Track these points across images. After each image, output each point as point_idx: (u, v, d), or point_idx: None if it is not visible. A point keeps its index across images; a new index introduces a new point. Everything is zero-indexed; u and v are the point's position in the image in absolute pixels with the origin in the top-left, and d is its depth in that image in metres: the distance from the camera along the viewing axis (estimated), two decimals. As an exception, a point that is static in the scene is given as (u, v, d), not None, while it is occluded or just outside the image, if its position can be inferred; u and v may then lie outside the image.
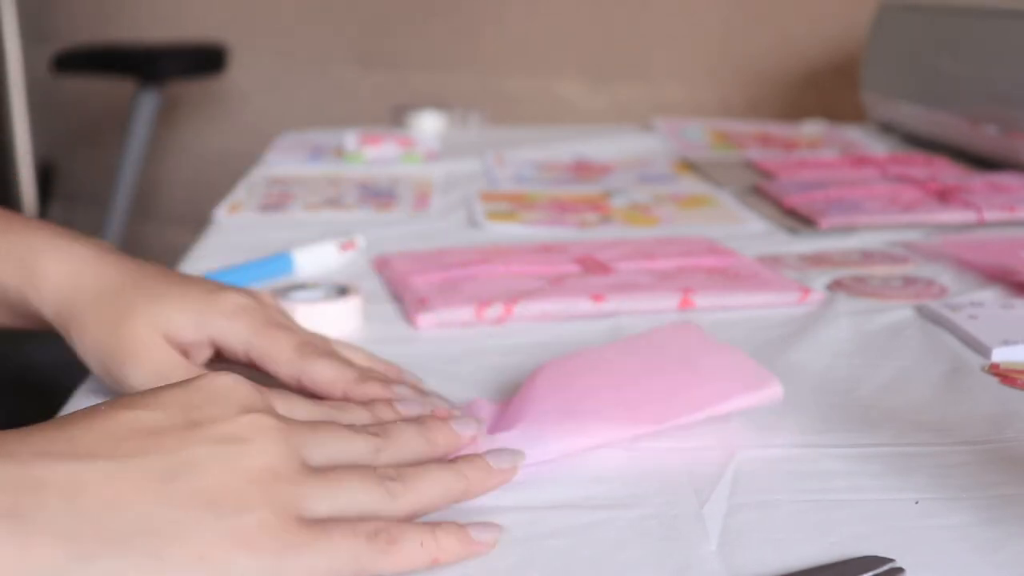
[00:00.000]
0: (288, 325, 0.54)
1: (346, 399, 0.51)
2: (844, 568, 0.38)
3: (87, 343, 0.53)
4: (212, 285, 0.55)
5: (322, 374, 0.52)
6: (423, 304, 0.68)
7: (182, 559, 0.34)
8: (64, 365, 0.59)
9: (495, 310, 0.67)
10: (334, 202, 1.02)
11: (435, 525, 0.39)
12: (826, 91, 1.86)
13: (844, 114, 1.57)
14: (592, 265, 0.76)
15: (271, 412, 0.39)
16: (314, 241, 0.82)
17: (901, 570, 0.38)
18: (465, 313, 0.67)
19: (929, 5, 1.25)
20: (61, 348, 0.55)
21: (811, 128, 1.41)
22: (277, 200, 1.02)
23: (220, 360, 0.55)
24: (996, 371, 0.58)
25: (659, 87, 2.03)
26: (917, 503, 0.43)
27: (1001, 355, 0.60)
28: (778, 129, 1.42)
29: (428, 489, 0.41)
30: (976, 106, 1.14)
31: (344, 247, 0.82)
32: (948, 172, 1.08)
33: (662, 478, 0.46)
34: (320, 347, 0.53)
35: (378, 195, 1.05)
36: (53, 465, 0.34)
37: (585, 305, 0.69)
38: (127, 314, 0.52)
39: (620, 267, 0.76)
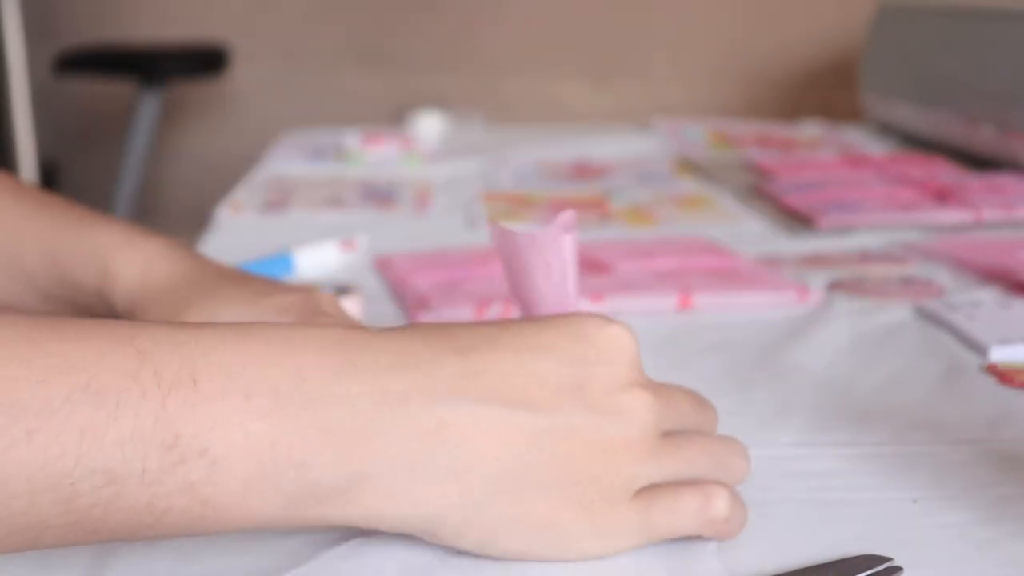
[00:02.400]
0: None
1: None
2: (842, 567, 0.38)
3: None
4: (269, 284, 0.55)
5: None
6: (424, 304, 0.69)
7: (535, 518, 0.37)
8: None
9: (495, 310, 0.68)
10: (335, 202, 1.02)
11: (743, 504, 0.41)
12: (825, 91, 1.87)
13: (843, 114, 1.58)
14: (592, 265, 0.76)
15: (647, 382, 0.41)
16: (315, 241, 0.82)
17: (899, 569, 0.38)
18: (465, 313, 0.68)
19: (927, 6, 1.26)
20: None
21: (810, 128, 1.42)
22: (278, 200, 1.02)
23: None
24: (994, 370, 0.58)
25: (659, 87, 2.03)
26: (915, 502, 0.44)
27: (999, 354, 0.60)
28: (777, 129, 1.42)
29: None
30: (974, 107, 1.14)
31: (345, 247, 0.82)
32: (946, 172, 1.09)
33: (662, 477, 0.46)
34: None
35: (379, 195, 1.05)
36: (457, 406, 0.37)
37: (585, 305, 0.69)
38: (182, 308, 0.53)
39: (619, 267, 0.76)
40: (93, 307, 0.58)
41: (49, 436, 0.32)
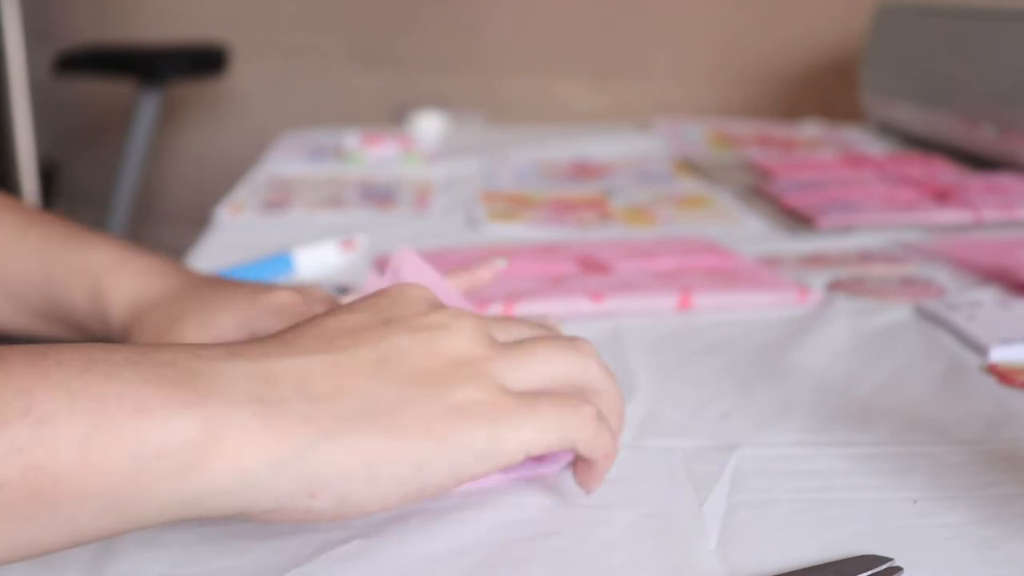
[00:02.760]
0: None
1: None
2: (842, 567, 0.38)
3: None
4: (261, 286, 0.56)
5: None
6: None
7: (412, 432, 0.37)
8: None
9: (495, 309, 0.68)
10: (335, 202, 1.02)
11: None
12: (825, 91, 1.87)
13: (843, 114, 1.58)
14: (591, 265, 0.76)
15: (450, 311, 0.41)
16: (315, 241, 0.82)
17: (899, 569, 0.38)
18: (465, 313, 0.67)
19: (927, 6, 1.26)
20: None
21: (810, 128, 1.42)
22: (278, 200, 1.02)
23: None
24: (994, 370, 0.58)
25: (659, 87, 2.03)
26: (915, 502, 0.44)
27: (999, 354, 0.60)
28: (777, 129, 1.42)
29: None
30: (974, 106, 1.14)
31: (345, 247, 0.82)
32: (946, 172, 1.08)
33: (661, 477, 0.46)
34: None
35: (378, 195, 1.05)
36: (280, 360, 0.37)
37: (584, 305, 0.69)
38: (178, 319, 0.54)
39: (619, 267, 0.76)
40: (86, 325, 0.58)
41: None
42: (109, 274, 0.56)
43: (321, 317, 0.40)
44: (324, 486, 0.36)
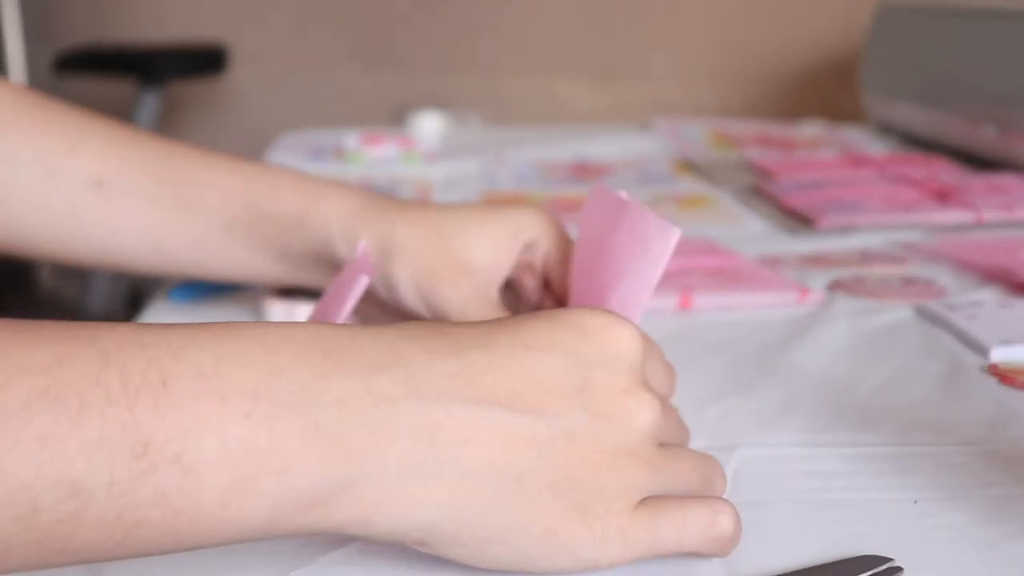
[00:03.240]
0: None
1: None
2: (843, 567, 0.38)
3: (404, 261, 0.56)
4: (509, 207, 0.57)
5: None
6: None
7: (534, 528, 0.36)
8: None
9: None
10: (334, 202, 1.02)
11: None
12: (825, 91, 1.87)
13: (843, 114, 1.58)
14: (592, 265, 0.76)
15: (648, 385, 0.39)
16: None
17: (900, 569, 0.38)
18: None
19: (928, 6, 1.26)
20: None
21: (810, 128, 1.41)
22: (278, 200, 1.02)
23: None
24: (995, 371, 0.58)
25: (659, 87, 2.03)
26: (916, 503, 0.43)
27: (1000, 355, 0.60)
28: (777, 129, 1.42)
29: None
30: (975, 107, 1.14)
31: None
32: (947, 172, 1.08)
33: (662, 478, 0.46)
34: None
35: (378, 195, 1.05)
36: (451, 408, 0.35)
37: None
38: (452, 235, 0.55)
39: (620, 267, 0.76)
40: (287, 240, 0.58)
41: (5, 445, 0.29)
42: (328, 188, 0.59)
43: (516, 346, 0.37)
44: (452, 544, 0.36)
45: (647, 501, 0.38)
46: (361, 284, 0.50)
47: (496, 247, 0.55)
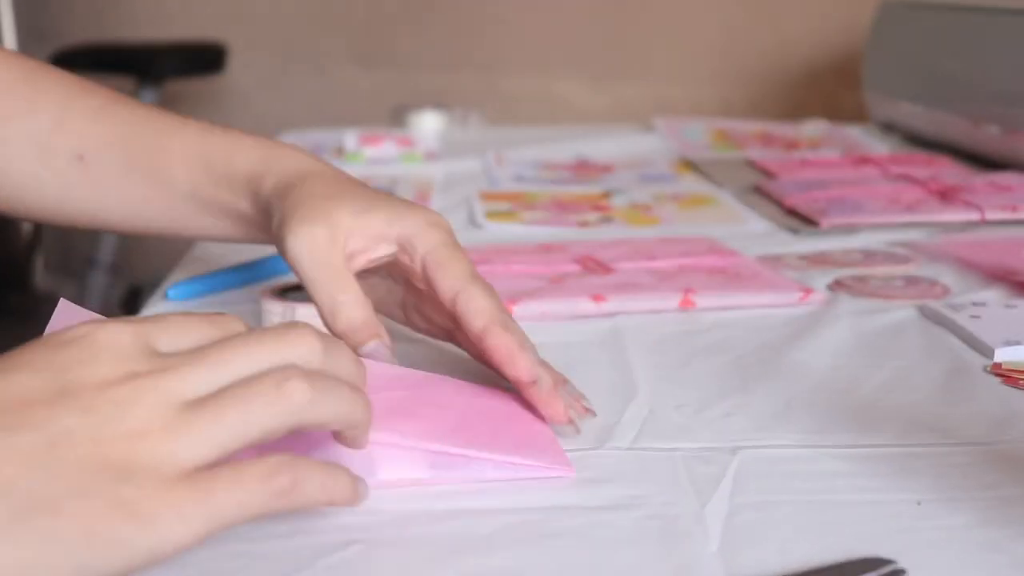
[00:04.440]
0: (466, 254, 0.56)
1: (479, 339, 0.51)
2: (845, 569, 0.38)
3: (286, 204, 0.56)
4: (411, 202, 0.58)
5: (478, 300, 0.52)
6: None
7: (71, 535, 0.34)
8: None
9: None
10: (334, 202, 1.01)
11: (332, 467, 0.38)
12: (827, 91, 1.86)
13: (845, 114, 1.57)
14: (592, 265, 0.76)
15: (144, 362, 0.37)
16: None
17: (902, 571, 0.38)
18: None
19: (930, 4, 1.25)
20: None
21: (812, 128, 1.41)
22: (277, 200, 1.02)
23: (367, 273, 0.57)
24: (998, 371, 0.58)
25: (659, 87, 2.03)
26: (919, 504, 0.43)
27: (1003, 355, 0.59)
28: (779, 129, 1.42)
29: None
30: (978, 106, 1.14)
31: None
32: (950, 172, 1.08)
33: (663, 478, 0.46)
34: (489, 286, 0.54)
35: (378, 195, 1.04)
36: None
37: (586, 305, 0.68)
38: (333, 195, 0.55)
39: (621, 267, 0.76)
40: (243, 203, 0.60)
41: None
42: (279, 149, 0.61)
43: None
44: None
45: (198, 472, 0.36)
46: None
47: (384, 218, 0.55)
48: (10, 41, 2.39)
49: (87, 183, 0.64)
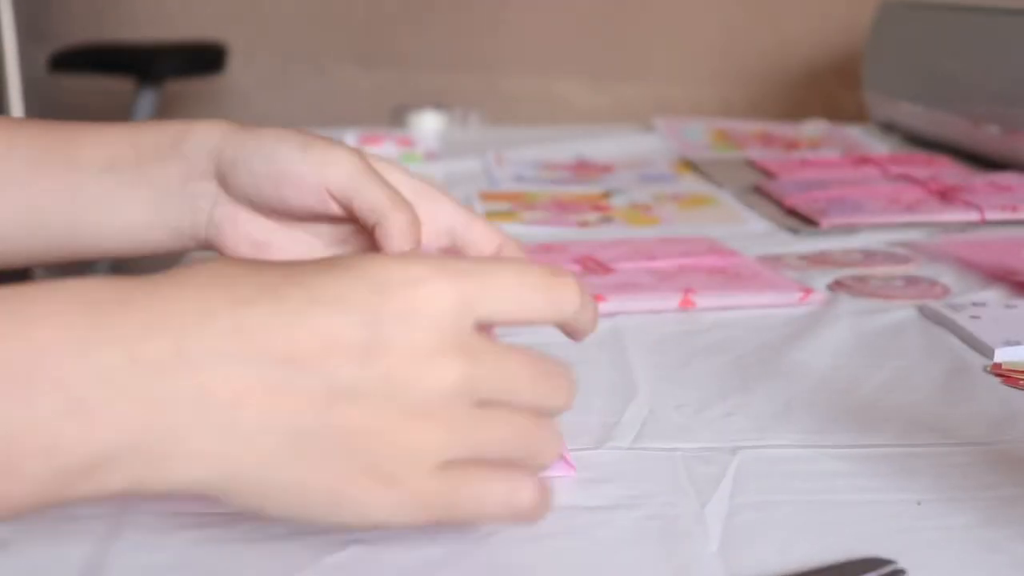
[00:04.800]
0: None
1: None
2: (845, 569, 0.38)
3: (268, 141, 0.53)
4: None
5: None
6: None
7: (320, 486, 0.35)
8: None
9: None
10: (334, 202, 1.01)
11: (547, 489, 0.38)
12: (827, 90, 1.86)
13: (845, 114, 1.57)
14: (592, 265, 0.76)
15: (455, 339, 0.36)
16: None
17: (902, 571, 0.38)
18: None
19: (930, 4, 1.25)
20: None
21: (812, 128, 1.41)
22: (277, 200, 1.02)
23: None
24: (998, 371, 0.58)
25: (659, 87, 2.03)
26: (919, 504, 0.43)
27: (1003, 355, 0.59)
28: (779, 129, 1.42)
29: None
30: (978, 106, 1.14)
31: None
32: (950, 172, 1.08)
33: (663, 478, 0.46)
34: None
35: (378, 195, 1.04)
36: (222, 369, 0.34)
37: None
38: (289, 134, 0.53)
39: (621, 267, 0.76)
40: (168, 168, 0.54)
41: None
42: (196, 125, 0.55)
43: (301, 301, 0.35)
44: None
45: (451, 466, 0.36)
46: None
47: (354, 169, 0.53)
48: (10, 41, 2.39)
49: None
